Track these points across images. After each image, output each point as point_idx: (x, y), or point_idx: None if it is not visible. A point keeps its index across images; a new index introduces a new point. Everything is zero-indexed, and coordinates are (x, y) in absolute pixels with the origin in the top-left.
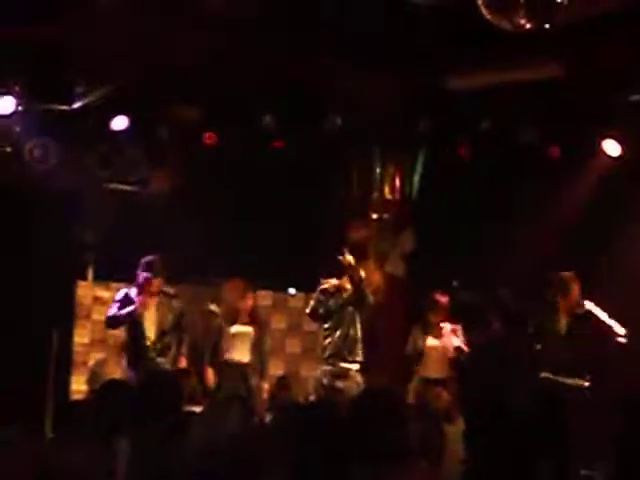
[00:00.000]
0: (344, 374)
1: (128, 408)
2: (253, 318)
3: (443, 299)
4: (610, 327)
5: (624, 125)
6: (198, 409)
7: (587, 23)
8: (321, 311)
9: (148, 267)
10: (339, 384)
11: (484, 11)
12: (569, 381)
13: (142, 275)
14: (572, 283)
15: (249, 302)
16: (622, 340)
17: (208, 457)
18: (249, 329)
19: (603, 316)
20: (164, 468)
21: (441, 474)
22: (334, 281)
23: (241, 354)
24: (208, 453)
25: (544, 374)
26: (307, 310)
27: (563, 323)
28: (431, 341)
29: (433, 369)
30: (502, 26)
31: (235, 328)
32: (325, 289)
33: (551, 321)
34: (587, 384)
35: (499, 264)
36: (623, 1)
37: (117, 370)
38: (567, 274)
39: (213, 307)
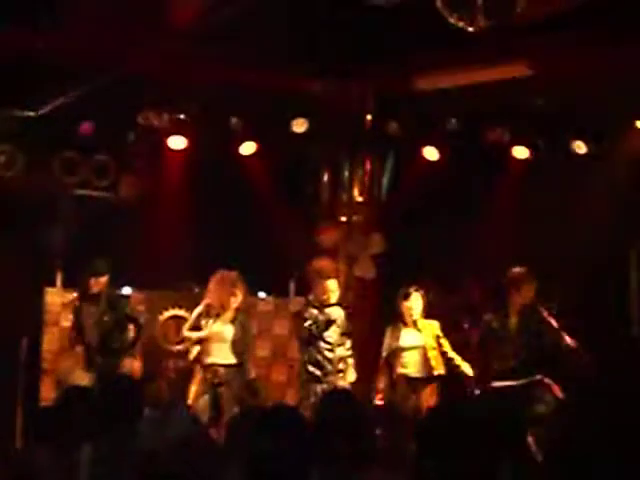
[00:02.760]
0: None
1: (89, 414)
2: (236, 316)
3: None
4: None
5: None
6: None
7: (551, 22)
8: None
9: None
10: None
11: (442, 11)
12: (520, 382)
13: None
14: (525, 280)
15: (237, 298)
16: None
17: (151, 461)
18: (230, 328)
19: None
20: (124, 473)
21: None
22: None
23: (224, 356)
24: (151, 457)
25: (495, 383)
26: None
27: (513, 321)
28: (410, 338)
29: (413, 368)
30: (460, 26)
31: (216, 327)
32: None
33: (500, 319)
34: (538, 377)
35: (468, 264)
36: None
37: (85, 377)
38: (520, 270)
39: (176, 311)
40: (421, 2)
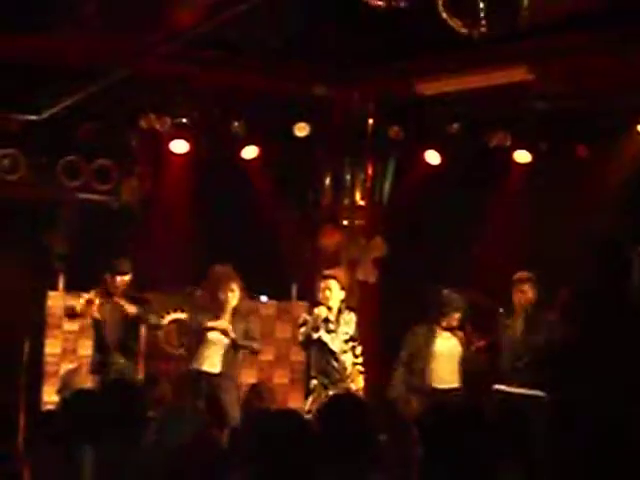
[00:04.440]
0: None
1: (94, 417)
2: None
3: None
4: None
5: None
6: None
7: (554, 25)
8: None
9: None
10: None
11: (444, 16)
12: (524, 391)
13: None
14: (526, 282)
15: (235, 293)
16: None
17: (158, 463)
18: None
19: None
20: (129, 476)
21: None
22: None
23: (211, 364)
24: (157, 459)
25: (497, 386)
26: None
27: (519, 323)
28: (441, 346)
29: (442, 378)
30: (462, 32)
31: (212, 334)
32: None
33: (508, 322)
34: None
35: (470, 267)
36: (588, 2)
37: (88, 379)
38: (523, 273)
39: (177, 315)
40: (423, 6)
